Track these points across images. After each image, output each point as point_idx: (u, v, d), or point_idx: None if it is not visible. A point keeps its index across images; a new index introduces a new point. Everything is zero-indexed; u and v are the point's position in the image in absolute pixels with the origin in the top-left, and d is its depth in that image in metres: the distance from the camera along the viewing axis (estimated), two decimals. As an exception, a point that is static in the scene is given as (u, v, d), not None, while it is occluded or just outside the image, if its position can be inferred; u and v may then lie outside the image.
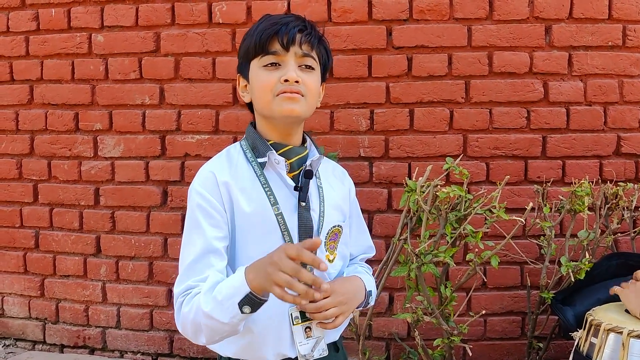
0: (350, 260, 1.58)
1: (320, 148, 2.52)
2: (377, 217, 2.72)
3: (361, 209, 1.69)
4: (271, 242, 1.30)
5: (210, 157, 2.78)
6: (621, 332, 1.68)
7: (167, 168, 2.84)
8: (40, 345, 3.06)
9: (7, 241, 3.06)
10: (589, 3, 2.63)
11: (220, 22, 2.76)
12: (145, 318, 2.91)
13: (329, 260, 1.42)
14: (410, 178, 2.21)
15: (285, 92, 1.32)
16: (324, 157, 1.54)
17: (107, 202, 2.92)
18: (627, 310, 1.83)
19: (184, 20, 2.79)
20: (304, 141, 1.48)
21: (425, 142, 2.69)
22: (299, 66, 1.35)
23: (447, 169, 2.16)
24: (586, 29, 2.65)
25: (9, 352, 3.01)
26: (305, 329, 1.35)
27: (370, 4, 2.68)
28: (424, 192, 2.11)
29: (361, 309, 1.53)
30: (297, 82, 1.32)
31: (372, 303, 1.56)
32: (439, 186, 2.10)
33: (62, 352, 3.02)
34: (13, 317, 3.10)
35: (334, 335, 1.45)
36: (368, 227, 2.64)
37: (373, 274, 2.25)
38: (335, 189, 1.50)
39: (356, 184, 2.63)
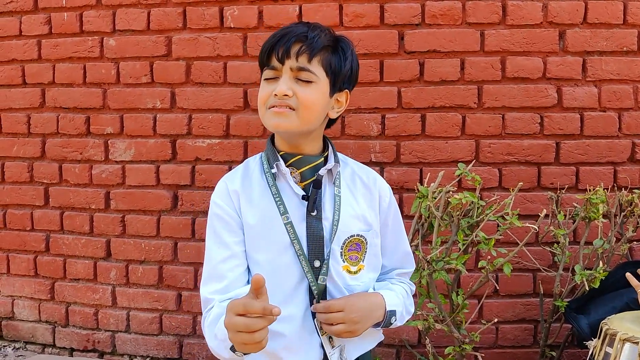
0: (383, 273, 1.52)
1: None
2: (388, 222, 2.70)
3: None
4: (279, 249, 1.34)
5: (221, 162, 2.84)
6: (637, 343, 1.65)
7: (177, 172, 2.84)
8: (50, 349, 3.06)
9: (17, 244, 3.07)
10: (604, 8, 2.61)
11: (232, 26, 2.76)
12: (154, 322, 2.90)
13: (350, 272, 1.39)
14: (421, 184, 2.20)
15: (274, 106, 1.32)
16: (357, 163, 1.52)
17: (117, 206, 2.92)
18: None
19: (195, 24, 2.79)
20: (326, 149, 1.45)
21: (437, 147, 2.67)
22: (296, 79, 1.32)
23: (459, 175, 2.14)
24: (601, 34, 2.62)
25: (19, 356, 3.02)
26: (329, 338, 1.35)
27: (382, 8, 2.67)
28: (435, 198, 2.09)
29: (379, 328, 1.43)
30: (287, 95, 1.30)
31: (397, 324, 1.45)
32: (451, 192, 2.09)
33: (72, 356, 3.02)
34: (23, 320, 3.10)
35: (356, 352, 1.41)
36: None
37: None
38: (359, 198, 1.45)
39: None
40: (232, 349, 1.19)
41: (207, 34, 2.79)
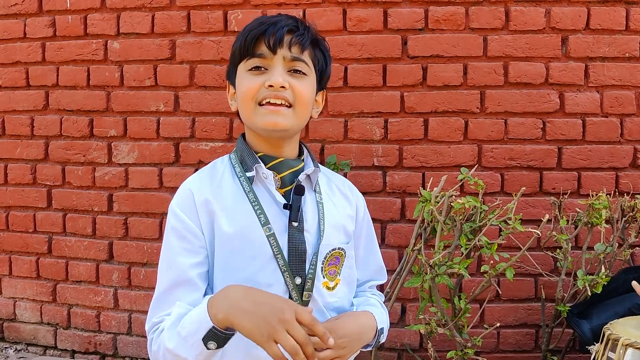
0: (357, 285, 1.42)
1: (332, 157, 2.52)
2: (390, 227, 2.70)
3: (374, 218, 1.62)
4: (259, 264, 1.21)
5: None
6: (640, 348, 1.65)
7: (180, 175, 2.84)
8: (52, 351, 3.06)
9: (20, 246, 3.07)
10: (606, 14, 2.62)
11: (236, 30, 2.76)
12: (156, 325, 2.90)
13: (329, 288, 1.28)
14: (424, 188, 2.20)
15: (268, 102, 1.20)
16: (330, 171, 1.43)
17: (120, 209, 2.92)
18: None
19: (199, 28, 2.80)
20: (301, 153, 1.35)
21: (440, 152, 2.68)
22: (288, 71, 1.22)
23: (461, 180, 2.14)
24: (603, 40, 2.63)
25: (21, 357, 3.02)
26: None
27: (385, 13, 2.68)
28: (438, 203, 2.10)
29: (370, 348, 1.35)
30: (283, 87, 1.19)
31: (382, 340, 1.39)
32: (453, 197, 2.09)
33: (73, 358, 3.02)
34: (25, 322, 3.10)
35: None
36: (380, 237, 2.65)
37: (386, 285, 2.24)
38: (339, 206, 1.35)
39: (369, 194, 2.65)
40: (207, 338, 1.07)
41: (211, 38, 2.80)
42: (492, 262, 2.11)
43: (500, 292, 2.63)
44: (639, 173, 2.66)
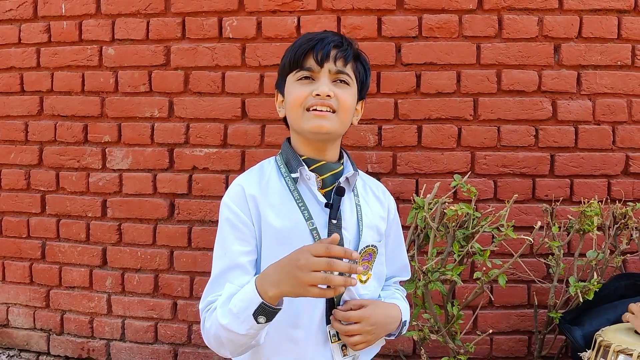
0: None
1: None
2: (383, 233, 2.71)
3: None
4: None
5: (218, 171, 2.84)
6: (631, 354, 1.66)
7: (174, 181, 2.85)
8: (45, 357, 3.05)
9: (13, 251, 3.07)
10: (599, 23, 2.64)
11: (231, 36, 2.78)
12: (149, 331, 2.90)
13: (362, 281, 1.42)
14: (417, 194, 2.21)
15: (315, 108, 1.32)
16: (366, 175, 1.56)
17: (114, 214, 2.92)
18: (637, 332, 1.82)
19: (194, 34, 2.81)
20: (341, 157, 1.47)
21: (433, 158, 2.69)
22: (333, 81, 1.36)
23: (455, 186, 2.16)
24: (595, 48, 2.65)
25: (13, 363, 3.01)
26: (342, 346, 1.37)
27: (379, 20, 2.69)
28: (431, 209, 2.11)
29: (393, 337, 1.51)
30: (328, 96, 1.32)
31: (404, 332, 1.54)
32: (446, 203, 2.10)
33: (66, 364, 3.02)
34: (18, 328, 3.09)
35: (367, 356, 1.46)
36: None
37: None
38: (373, 207, 1.49)
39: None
40: (257, 312, 1.18)
41: (205, 44, 2.80)
42: (484, 268, 2.12)
43: (493, 299, 2.64)
44: (630, 180, 2.68)
